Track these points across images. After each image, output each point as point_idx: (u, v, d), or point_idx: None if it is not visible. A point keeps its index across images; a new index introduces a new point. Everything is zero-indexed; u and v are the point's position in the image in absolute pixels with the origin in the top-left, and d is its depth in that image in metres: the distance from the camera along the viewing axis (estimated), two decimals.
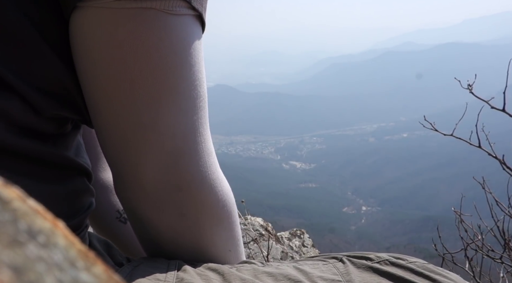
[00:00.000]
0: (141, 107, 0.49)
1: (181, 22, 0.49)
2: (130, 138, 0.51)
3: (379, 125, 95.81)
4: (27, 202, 0.13)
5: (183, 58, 0.50)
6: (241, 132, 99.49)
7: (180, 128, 0.51)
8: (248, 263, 0.58)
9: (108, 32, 0.47)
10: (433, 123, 1.58)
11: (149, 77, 0.48)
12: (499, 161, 1.41)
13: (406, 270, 0.53)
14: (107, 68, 0.48)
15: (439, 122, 1.75)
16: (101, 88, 0.50)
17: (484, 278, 1.59)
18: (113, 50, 0.47)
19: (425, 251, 12.22)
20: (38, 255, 0.12)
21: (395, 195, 60.05)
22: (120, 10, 0.46)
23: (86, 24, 0.47)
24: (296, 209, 47.65)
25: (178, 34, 0.49)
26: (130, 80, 0.48)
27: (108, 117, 0.51)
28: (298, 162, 78.90)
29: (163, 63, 0.48)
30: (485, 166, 17.09)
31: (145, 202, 0.54)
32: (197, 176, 0.53)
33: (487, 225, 1.58)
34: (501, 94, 1.40)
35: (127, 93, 0.49)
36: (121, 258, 0.59)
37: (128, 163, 0.53)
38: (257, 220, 1.77)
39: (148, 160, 0.51)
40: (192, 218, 0.56)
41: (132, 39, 0.47)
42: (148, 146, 0.51)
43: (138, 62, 0.48)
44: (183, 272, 0.52)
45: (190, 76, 0.51)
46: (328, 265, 0.56)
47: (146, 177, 0.52)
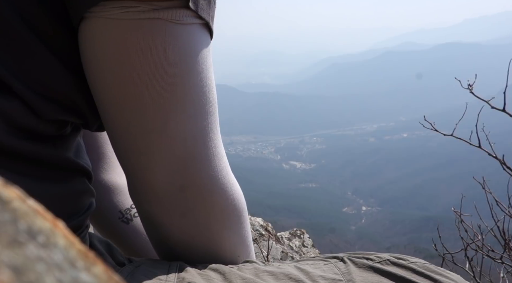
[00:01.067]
0: (150, 113, 0.51)
1: (188, 31, 0.50)
2: (140, 144, 0.52)
3: (379, 125, 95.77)
4: (27, 202, 0.13)
5: (191, 65, 0.51)
6: (241, 132, 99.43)
7: (189, 133, 0.52)
8: (249, 262, 0.58)
9: (117, 42, 0.48)
10: (433, 123, 1.58)
11: (158, 84, 0.49)
12: (499, 161, 1.41)
13: (407, 270, 0.53)
14: (116, 77, 0.49)
15: (439, 122, 1.75)
16: (111, 96, 0.51)
17: (484, 278, 1.59)
18: (121, 59, 0.48)
19: (425, 251, 12.22)
20: (38, 255, 0.12)
21: (395, 195, 60.02)
22: (128, 21, 0.47)
23: (95, 34, 0.48)
24: (296, 209, 47.62)
25: (185, 42, 0.50)
26: (139, 88, 0.49)
27: (119, 123, 0.53)
28: (298, 162, 78.85)
29: (171, 70, 0.49)
30: (485, 166, 17.07)
31: (156, 205, 0.55)
32: (207, 180, 0.54)
33: (487, 225, 1.58)
34: (501, 94, 1.40)
35: (136, 100, 0.50)
36: (122, 258, 0.59)
37: (139, 167, 0.54)
38: (257, 220, 1.77)
39: (158, 164, 0.52)
40: (202, 222, 0.56)
41: (140, 49, 0.48)
42: (158, 151, 0.52)
43: (146, 70, 0.49)
44: (185, 272, 0.53)
45: (198, 82, 0.52)
46: (329, 264, 0.56)
47: (157, 181, 0.53)
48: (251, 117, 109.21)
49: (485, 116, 1.42)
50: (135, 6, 0.47)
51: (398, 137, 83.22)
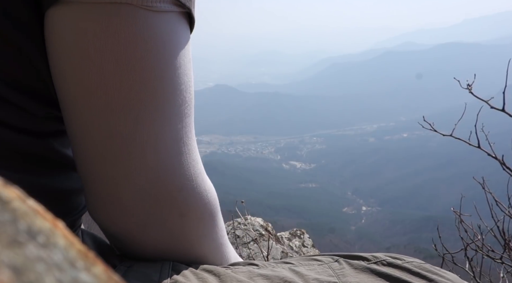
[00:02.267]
0: (118, 115, 0.45)
1: (164, 19, 0.45)
2: (107, 151, 0.46)
3: (379, 125, 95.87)
4: (27, 202, 0.13)
5: (166, 60, 0.45)
6: (241, 132, 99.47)
7: (163, 139, 0.47)
8: (243, 265, 0.56)
9: (81, 29, 0.43)
10: (433, 123, 1.58)
11: (127, 80, 0.44)
12: (499, 161, 1.41)
13: (403, 270, 0.52)
14: (78, 69, 0.44)
15: (439, 122, 1.75)
16: (72, 92, 0.45)
17: (484, 278, 1.59)
18: (85, 48, 0.43)
19: (425, 251, 12.23)
20: (37, 255, 0.12)
21: (395, 195, 60.07)
22: (95, 5, 0.42)
23: (58, 20, 0.44)
24: (296, 209, 47.67)
25: (160, 32, 0.44)
26: (104, 84, 0.44)
27: (81, 126, 0.46)
28: (298, 162, 78.92)
29: (142, 64, 0.44)
30: (485, 166, 17.04)
31: (127, 221, 0.50)
32: (183, 191, 0.50)
33: (487, 225, 1.58)
34: (501, 94, 1.40)
35: (102, 98, 0.44)
36: (114, 259, 0.57)
37: (105, 179, 0.48)
38: (257, 220, 1.77)
39: (128, 176, 0.47)
40: (178, 234, 0.52)
41: (106, 37, 0.42)
42: (128, 160, 0.46)
43: (113, 62, 0.43)
44: (177, 273, 0.51)
45: (174, 79, 0.46)
46: (323, 265, 0.55)
47: (127, 194, 0.48)
48: (251, 117, 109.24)
49: (485, 116, 1.42)
50: None
51: (398, 137, 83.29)
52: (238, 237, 1.64)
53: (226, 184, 48.51)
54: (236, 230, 1.67)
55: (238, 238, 1.63)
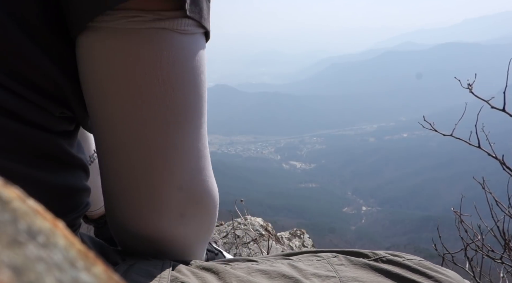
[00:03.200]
0: (161, 128, 0.49)
1: (193, 40, 0.49)
2: (151, 161, 0.50)
3: (379, 125, 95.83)
4: (27, 202, 0.13)
5: (200, 77, 0.50)
6: (241, 132, 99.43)
7: (197, 145, 0.52)
8: (242, 261, 0.58)
9: (122, 53, 0.46)
10: (433, 123, 1.58)
11: (171, 99, 0.48)
12: (499, 161, 1.41)
13: (403, 267, 0.53)
14: (119, 90, 0.47)
15: (440, 121, 1.75)
16: (113, 110, 0.48)
17: (484, 278, 1.59)
18: (127, 70, 0.46)
19: (425, 251, 12.20)
20: (38, 255, 0.12)
21: (395, 195, 60.01)
22: (134, 31, 0.45)
23: (97, 45, 0.46)
24: (296, 209, 47.63)
25: (192, 53, 0.48)
26: (151, 104, 0.47)
27: (122, 140, 0.50)
28: (298, 162, 78.88)
29: (184, 84, 0.48)
30: (485, 166, 17.03)
31: (162, 220, 0.53)
32: (208, 188, 0.55)
33: (487, 225, 1.58)
34: (501, 94, 1.40)
35: (149, 115, 0.48)
36: (116, 258, 0.59)
37: (147, 187, 0.51)
38: (257, 220, 1.77)
39: (171, 180, 0.51)
40: (197, 224, 0.57)
41: (147, 59, 0.46)
42: (172, 167, 0.51)
43: (159, 84, 0.47)
44: (178, 271, 0.52)
45: (203, 94, 0.51)
46: (322, 261, 0.56)
47: (168, 195, 0.52)
48: (251, 117, 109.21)
49: (485, 116, 1.42)
50: (141, 15, 0.45)
51: (398, 137, 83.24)
52: (238, 237, 1.64)
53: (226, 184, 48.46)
54: (236, 230, 1.67)
55: (238, 238, 1.63)
